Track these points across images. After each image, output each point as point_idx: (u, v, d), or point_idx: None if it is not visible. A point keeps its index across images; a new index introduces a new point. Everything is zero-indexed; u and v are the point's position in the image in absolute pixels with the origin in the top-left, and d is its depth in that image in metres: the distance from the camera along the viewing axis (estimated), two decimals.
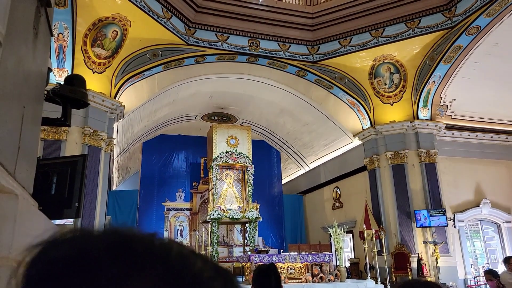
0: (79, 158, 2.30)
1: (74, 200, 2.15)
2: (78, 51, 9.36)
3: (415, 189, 11.83)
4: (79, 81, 2.19)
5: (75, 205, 2.14)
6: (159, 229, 15.55)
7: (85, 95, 2.16)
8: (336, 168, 15.40)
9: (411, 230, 11.55)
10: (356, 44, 11.67)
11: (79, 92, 2.11)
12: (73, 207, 2.14)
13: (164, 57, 11.03)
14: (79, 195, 2.18)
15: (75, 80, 2.17)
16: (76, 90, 2.10)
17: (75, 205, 2.15)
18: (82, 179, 2.22)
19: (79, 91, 2.12)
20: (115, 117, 10.53)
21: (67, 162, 2.29)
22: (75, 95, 2.08)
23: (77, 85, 2.13)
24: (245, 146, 14.42)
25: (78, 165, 2.24)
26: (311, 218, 17.54)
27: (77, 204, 2.14)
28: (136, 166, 18.07)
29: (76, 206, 2.14)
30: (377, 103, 12.54)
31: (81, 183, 2.21)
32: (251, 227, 13.45)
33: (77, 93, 2.10)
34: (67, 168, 2.21)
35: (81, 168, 2.24)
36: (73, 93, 2.07)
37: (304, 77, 12.84)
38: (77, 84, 2.14)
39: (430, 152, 12.05)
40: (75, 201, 2.15)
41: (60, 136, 8.98)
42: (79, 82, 2.18)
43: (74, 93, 2.08)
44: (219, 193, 13.87)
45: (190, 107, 15.01)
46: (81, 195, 2.21)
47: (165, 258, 0.37)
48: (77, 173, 2.22)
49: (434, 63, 11.32)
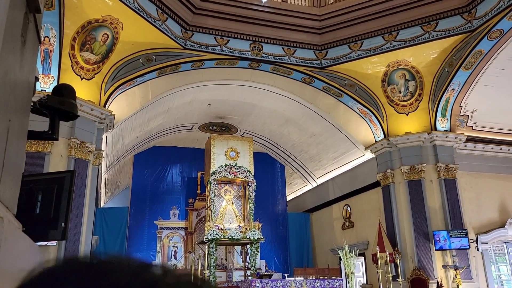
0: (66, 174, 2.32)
1: (61, 221, 2.16)
2: (65, 56, 9.46)
3: (434, 207, 11.78)
4: (68, 91, 2.22)
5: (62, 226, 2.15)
6: (151, 250, 15.50)
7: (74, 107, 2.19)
8: (346, 184, 15.37)
9: (430, 253, 11.46)
10: (367, 49, 11.75)
11: (68, 103, 2.14)
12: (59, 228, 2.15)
13: (159, 62, 11.13)
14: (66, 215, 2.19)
15: (64, 90, 2.20)
16: (65, 101, 2.12)
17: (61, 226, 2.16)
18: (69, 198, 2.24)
19: (68, 102, 2.14)
20: (104, 127, 10.58)
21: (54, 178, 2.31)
22: (64, 107, 2.10)
23: (66, 96, 2.16)
24: (246, 159, 14.43)
25: (65, 182, 2.26)
26: (319, 239, 17.44)
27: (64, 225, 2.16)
28: (126, 181, 18.08)
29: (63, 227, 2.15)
30: (391, 112, 12.57)
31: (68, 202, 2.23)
32: (253, 248, 13.38)
33: (66, 104, 2.12)
34: (53, 186, 2.22)
35: (69, 186, 2.25)
36: (61, 104, 2.10)
37: (311, 84, 12.90)
38: (66, 94, 2.17)
39: (450, 167, 12.03)
40: (61, 221, 2.16)
41: (44, 148, 9.02)
42: (68, 92, 2.21)
43: (62, 104, 2.11)
44: (217, 211, 13.84)
45: (186, 117, 15.07)
46: (68, 215, 2.22)
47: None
48: (64, 190, 2.23)
49: (453, 69, 11.38)
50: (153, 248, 15.55)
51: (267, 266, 16.25)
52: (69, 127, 9.29)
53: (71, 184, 2.24)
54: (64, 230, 2.13)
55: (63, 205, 2.19)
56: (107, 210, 15.92)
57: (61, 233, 2.12)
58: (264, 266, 16.06)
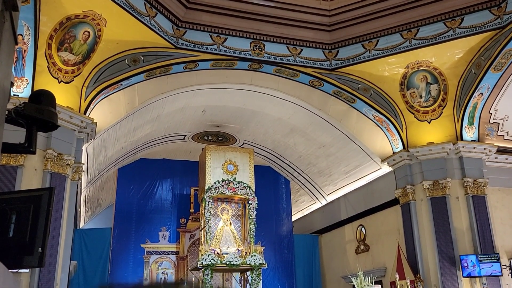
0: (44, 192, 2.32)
1: (37, 245, 2.16)
2: (41, 56, 9.53)
3: (460, 228, 11.74)
4: (47, 98, 2.23)
5: (39, 251, 2.15)
6: (137, 277, 15.42)
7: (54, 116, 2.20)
8: (361, 202, 15.34)
9: (456, 280, 11.40)
10: (384, 48, 11.81)
11: (47, 111, 2.15)
12: (36, 253, 2.15)
13: (147, 64, 11.20)
14: (43, 239, 2.19)
15: (42, 97, 2.22)
16: (43, 109, 2.14)
17: (38, 251, 2.16)
18: (47, 219, 2.24)
19: (47, 111, 2.16)
20: (85, 137, 10.60)
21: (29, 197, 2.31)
22: (42, 116, 2.12)
23: (44, 103, 2.17)
24: (246, 174, 14.44)
25: (43, 201, 2.26)
26: (329, 264, 17.36)
27: (41, 250, 2.15)
28: (109, 198, 18.05)
29: (40, 252, 2.15)
30: (411, 120, 12.60)
31: (46, 224, 2.23)
32: (254, 276, 13.32)
33: (45, 113, 2.14)
34: (29, 205, 2.22)
35: (46, 205, 2.25)
36: (40, 113, 2.11)
37: (320, 88, 12.96)
38: (44, 101, 2.19)
39: (479, 182, 12.01)
40: (38, 246, 2.16)
41: (16, 161, 9.03)
42: (47, 99, 2.22)
43: (41, 113, 2.12)
44: (213, 232, 13.81)
45: (178, 125, 15.11)
46: (46, 239, 2.22)
47: None
48: (41, 211, 2.24)
49: (481, 71, 11.42)
50: (140, 275, 15.47)
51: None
52: (44, 137, 9.31)
53: (49, 203, 2.24)
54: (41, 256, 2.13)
55: (40, 228, 2.19)
56: (87, 231, 15.88)
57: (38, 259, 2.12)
58: None
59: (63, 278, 9.46)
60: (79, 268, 14.33)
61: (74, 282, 13.74)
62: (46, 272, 8.81)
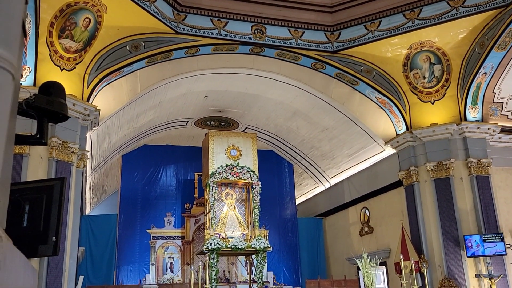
0: (55, 182, 2.36)
1: (51, 234, 2.20)
2: (43, 44, 9.51)
3: (464, 208, 11.80)
4: (57, 89, 2.26)
5: (52, 240, 2.20)
6: (144, 262, 15.60)
7: (64, 107, 2.23)
8: (364, 184, 15.38)
9: (460, 260, 11.49)
10: (386, 29, 11.74)
11: (58, 103, 2.18)
12: (50, 242, 2.20)
13: (148, 49, 11.17)
14: (56, 228, 2.23)
15: (52, 89, 2.24)
16: (54, 100, 2.17)
17: (52, 240, 2.20)
18: (60, 208, 2.28)
19: (58, 102, 2.18)
20: (89, 124, 10.64)
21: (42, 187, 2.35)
22: (53, 107, 2.15)
23: (54, 95, 2.20)
24: (249, 158, 14.47)
25: (55, 191, 2.30)
26: (333, 246, 17.49)
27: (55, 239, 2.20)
28: (114, 185, 18.16)
29: (54, 241, 2.20)
30: (414, 101, 12.58)
31: (58, 213, 2.27)
32: (259, 259, 13.44)
33: (55, 104, 2.17)
34: (41, 195, 2.26)
35: (59, 195, 2.29)
36: (50, 104, 2.14)
37: (322, 70, 12.91)
38: (54, 93, 2.21)
39: (482, 162, 12.03)
40: (51, 235, 2.20)
41: (22, 149, 9.08)
42: (57, 90, 2.25)
43: (51, 105, 2.15)
44: (218, 217, 13.90)
45: (180, 111, 15.12)
46: (59, 228, 2.27)
47: None
48: (53, 201, 2.28)
49: (484, 50, 11.36)
50: (147, 260, 15.64)
51: (275, 278, 16.32)
52: (49, 125, 9.33)
53: (61, 193, 2.28)
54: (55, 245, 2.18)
55: (53, 217, 2.23)
56: (93, 218, 16.01)
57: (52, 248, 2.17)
58: (272, 278, 16.14)
59: (72, 264, 9.59)
60: (86, 254, 14.50)
61: (82, 268, 13.91)
62: (55, 258, 8.91)
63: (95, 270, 14.69)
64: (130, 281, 14.88)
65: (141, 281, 14.63)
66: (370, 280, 11.11)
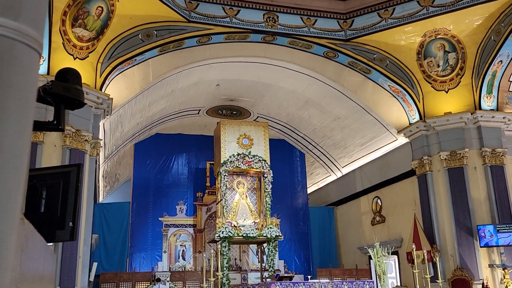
0: (72, 168, 2.39)
1: (68, 220, 2.23)
2: (56, 33, 9.56)
3: (478, 198, 11.72)
4: (73, 76, 2.27)
5: (69, 225, 2.23)
6: (156, 250, 15.76)
7: (81, 93, 2.24)
8: (376, 174, 15.34)
9: (473, 250, 11.45)
10: (400, 16, 11.61)
11: (74, 89, 2.19)
12: (67, 227, 2.23)
13: (160, 38, 11.17)
14: (73, 214, 2.26)
15: (68, 75, 2.26)
16: (70, 87, 2.18)
17: (69, 226, 2.23)
18: (76, 194, 2.31)
19: (74, 89, 2.20)
20: (102, 113, 10.71)
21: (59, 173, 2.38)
22: (69, 94, 2.16)
23: (71, 81, 2.21)
24: (261, 147, 14.47)
25: (72, 177, 2.32)
26: (345, 236, 17.50)
27: (72, 224, 2.23)
28: (127, 173, 18.31)
29: (71, 226, 2.23)
30: (428, 90, 12.46)
31: (75, 199, 2.30)
32: (270, 247, 13.50)
33: (72, 91, 2.18)
34: (58, 181, 2.29)
35: (75, 181, 2.32)
36: (67, 91, 2.16)
37: (335, 59, 12.83)
38: (71, 79, 2.23)
39: (497, 151, 11.92)
40: (69, 220, 2.23)
41: (36, 137, 9.18)
42: (73, 77, 2.26)
43: (68, 91, 2.16)
44: (229, 205, 13.96)
45: (192, 100, 15.14)
46: (76, 214, 2.30)
47: None
48: (70, 186, 2.30)
49: (500, 38, 11.19)
50: (159, 248, 15.80)
51: (286, 266, 16.40)
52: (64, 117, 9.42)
53: (77, 179, 2.31)
54: (72, 230, 2.20)
55: (70, 203, 2.26)
56: (107, 206, 16.18)
57: (69, 233, 2.20)
58: (283, 266, 16.22)
59: (86, 251, 9.72)
60: (100, 241, 14.67)
61: (96, 255, 14.09)
62: (69, 245, 9.05)
63: (108, 257, 14.88)
64: (143, 268, 15.06)
65: (153, 268, 14.80)
66: (382, 269, 11.13)
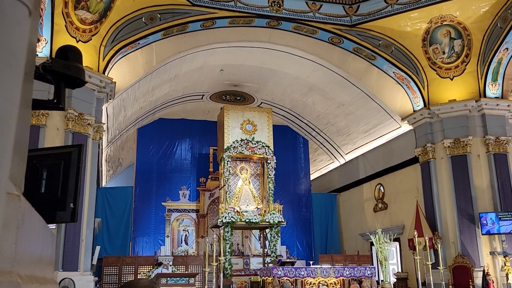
0: (73, 149, 2.34)
1: (69, 201, 2.20)
2: (58, 15, 9.47)
3: (481, 186, 11.69)
4: (74, 53, 2.22)
5: (70, 207, 2.19)
6: (159, 234, 15.83)
7: (81, 72, 2.19)
8: (379, 161, 15.31)
9: (475, 238, 11.45)
10: (406, 2, 11.47)
11: (75, 67, 2.14)
12: (68, 209, 2.19)
13: (164, 22, 11.07)
14: (74, 195, 2.22)
15: (69, 53, 2.20)
16: (71, 65, 2.13)
17: (70, 207, 2.20)
18: (77, 175, 2.27)
19: (75, 67, 2.14)
20: (104, 97, 10.66)
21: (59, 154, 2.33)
22: (70, 72, 2.11)
23: (72, 59, 2.16)
24: (265, 133, 14.44)
25: (73, 158, 2.28)
26: (347, 222, 17.54)
27: (73, 206, 2.20)
28: (130, 158, 18.32)
29: (72, 207, 2.19)
30: (433, 77, 12.36)
31: (76, 180, 2.26)
32: (273, 233, 13.54)
33: (73, 69, 2.13)
34: (59, 162, 2.25)
35: (76, 162, 2.28)
36: (67, 69, 2.11)
37: (340, 45, 12.71)
38: (72, 57, 2.17)
39: (501, 140, 11.85)
40: (69, 201, 2.20)
41: (38, 120, 9.15)
42: (74, 55, 2.21)
43: (68, 69, 2.11)
44: (232, 191, 13.97)
45: (195, 85, 15.07)
46: (77, 195, 2.26)
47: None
48: (71, 167, 2.26)
49: (507, 25, 11.05)
50: (162, 232, 15.87)
51: (288, 252, 16.46)
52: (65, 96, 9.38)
53: (79, 159, 2.26)
54: (73, 211, 2.17)
55: (71, 184, 2.22)
56: (110, 190, 16.22)
57: (70, 215, 2.16)
58: (286, 252, 16.28)
59: (88, 234, 9.75)
60: (103, 225, 14.74)
61: (99, 239, 14.17)
62: (72, 228, 9.08)
63: (111, 241, 14.96)
64: (146, 252, 15.14)
65: (156, 252, 14.87)
66: (384, 255, 11.16)
